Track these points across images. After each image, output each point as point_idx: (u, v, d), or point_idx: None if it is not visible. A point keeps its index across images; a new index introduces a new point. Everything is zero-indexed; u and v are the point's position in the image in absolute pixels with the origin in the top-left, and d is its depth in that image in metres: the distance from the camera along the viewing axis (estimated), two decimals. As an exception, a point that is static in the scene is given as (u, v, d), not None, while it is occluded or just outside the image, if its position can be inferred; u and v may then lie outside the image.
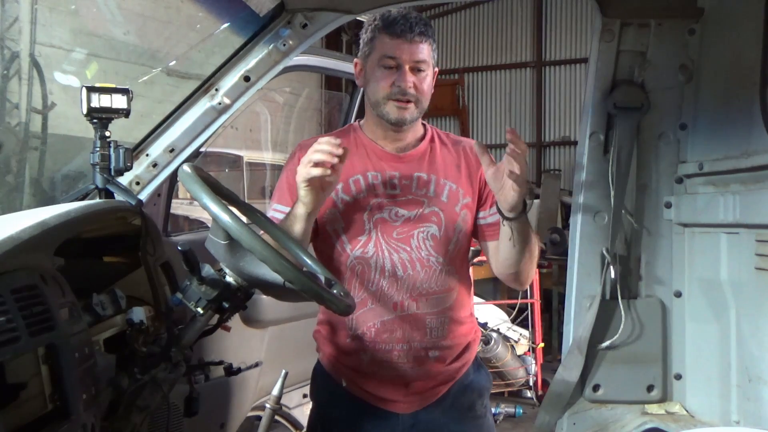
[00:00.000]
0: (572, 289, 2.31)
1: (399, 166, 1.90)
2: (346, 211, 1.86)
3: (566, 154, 12.10)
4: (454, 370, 1.94)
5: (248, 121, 7.74)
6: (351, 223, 1.86)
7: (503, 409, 5.36)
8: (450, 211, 1.89)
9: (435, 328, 1.89)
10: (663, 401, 2.30)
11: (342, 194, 1.86)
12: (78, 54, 5.97)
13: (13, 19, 4.95)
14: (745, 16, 2.04)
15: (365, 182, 1.87)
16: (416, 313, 1.86)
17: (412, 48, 1.80)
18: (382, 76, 1.82)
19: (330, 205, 1.86)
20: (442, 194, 1.89)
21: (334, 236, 1.88)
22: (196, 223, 5.21)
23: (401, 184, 1.88)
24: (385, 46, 1.82)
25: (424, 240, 1.87)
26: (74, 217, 1.56)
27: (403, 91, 1.81)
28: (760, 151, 1.94)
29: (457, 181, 1.91)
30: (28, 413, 1.31)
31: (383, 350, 1.87)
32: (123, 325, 1.80)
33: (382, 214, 1.86)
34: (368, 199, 1.87)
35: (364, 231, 1.86)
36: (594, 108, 2.26)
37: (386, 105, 1.84)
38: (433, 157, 1.93)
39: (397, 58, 1.80)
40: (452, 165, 1.93)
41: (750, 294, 2.01)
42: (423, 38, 1.81)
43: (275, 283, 1.54)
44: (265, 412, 2.84)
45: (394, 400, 1.91)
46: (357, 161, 1.88)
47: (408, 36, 1.80)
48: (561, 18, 12.25)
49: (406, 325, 1.86)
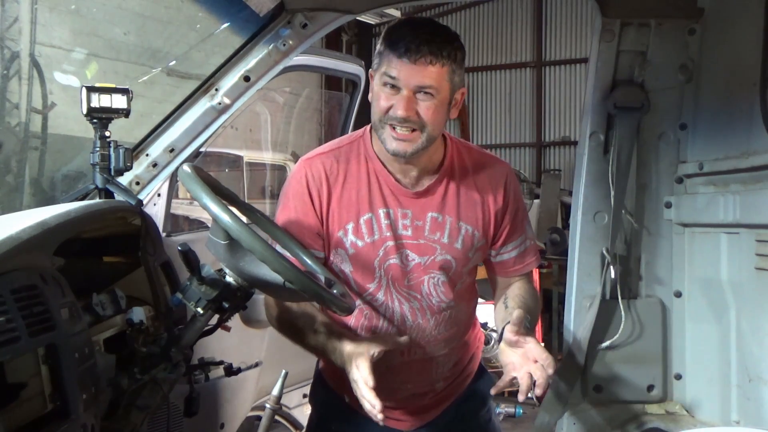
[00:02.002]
0: (572, 289, 2.31)
1: (411, 204, 1.73)
2: (356, 255, 1.73)
3: (566, 154, 12.08)
4: (457, 385, 1.94)
5: (248, 121, 7.73)
6: (361, 268, 1.74)
7: (503, 409, 5.36)
8: (463, 258, 1.78)
9: (442, 364, 1.87)
10: (663, 401, 2.30)
11: (351, 236, 1.72)
12: (78, 54, 5.97)
13: (13, 19, 4.95)
14: (745, 16, 2.04)
15: (377, 222, 1.71)
16: (423, 358, 1.83)
17: (416, 70, 1.56)
18: (381, 96, 1.62)
19: (339, 245, 1.74)
20: (456, 241, 1.75)
21: (341, 276, 1.77)
22: (196, 223, 5.21)
23: (413, 225, 1.73)
24: (389, 64, 1.59)
25: (435, 287, 1.77)
26: (74, 217, 1.56)
27: (398, 118, 1.59)
28: (760, 151, 1.94)
29: (474, 222, 1.76)
30: (28, 413, 1.31)
31: (390, 387, 1.76)
32: (123, 325, 1.80)
33: (394, 260, 1.73)
34: (380, 243, 1.72)
35: (374, 278, 1.74)
36: (594, 108, 2.26)
37: (383, 130, 1.63)
38: (451, 192, 1.75)
39: (397, 80, 1.58)
40: (470, 202, 1.76)
41: (750, 294, 2.00)
42: (434, 59, 1.56)
43: (275, 283, 1.53)
44: (265, 412, 2.84)
45: (396, 419, 1.90)
46: (367, 195, 1.72)
47: (413, 56, 1.55)
48: (561, 18, 12.23)
49: (413, 368, 1.83)
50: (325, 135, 8.10)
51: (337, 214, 1.72)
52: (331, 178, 1.73)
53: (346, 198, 1.73)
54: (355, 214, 1.71)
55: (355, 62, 3.49)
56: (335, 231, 1.73)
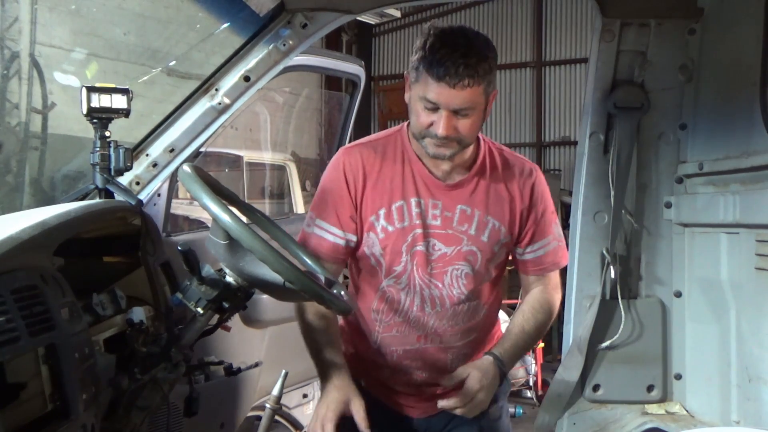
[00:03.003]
0: (572, 289, 2.31)
1: (443, 195, 1.83)
2: (386, 239, 1.82)
3: (566, 154, 12.08)
4: None
5: (248, 121, 7.73)
6: (389, 251, 1.83)
7: (503, 409, 5.35)
8: (488, 251, 1.86)
9: (458, 357, 1.92)
10: (663, 401, 2.30)
11: (383, 221, 1.82)
12: (78, 54, 5.97)
13: (13, 19, 4.95)
14: (745, 16, 2.04)
15: (407, 210, 1.81)
16: (440, 347, 1.89)
17: (454, 94, 1.64)
18: (422, 114, 1.70)
19: (371, 228, 1.83)
20: (483, 233, 1.84)
21: (372, 258, 1.86)
22: (196, 223, 5.21)
23: (443, 215, 1.83)
24: (427, 87, 1.66)
25: (458, 278, 1.85)
26: (74, 217, 1.56)
27: (439, 137, 1.69)
28: (760, 151, 1.94)
29: (501, 218, 1.86)
30: (28, 413, 1.32)
31: (404, 371, 1.90)
32: (123, 325, 1.80)
33: (420, 247, 1.82)
34: (409, 229, 1.81)
35: (401, 261, 1.83)
36: (594, 108, 2.26)
37: (424, 140, 1.74)
38: (481, 188, 1.85)
39: (436, 103, 1.67)
40: (498, 198, 1.86)
41: (750, 294, 2.00)
42: (470, 81, 1.64)
43: (275, 283, 1.54)
44: (265, 412, 2.82)
45: (409, 406, 1.94)
46: (401, 183, 1.82)
47: (452, 81, 1.63)
48: (561, 18, 12.23)
49: (428, 355, 1.88)
50: (325, 135, 8.09)
51: (371, 200, 1.82)
52: (368, 166, 1.83)
53: (380, 185, 1.83)
54: (387, 201, 1.81)
55: (355, 62, 3.49)
56: (368, 216, 1.83)
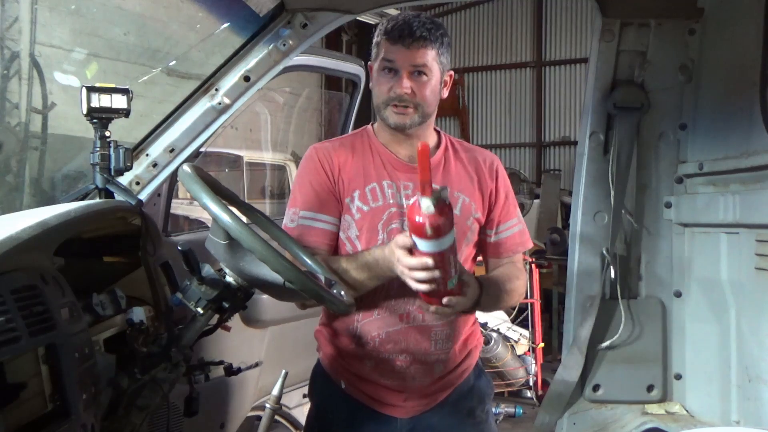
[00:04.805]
0: (572, 289, 2.31)
1: (413, 176, 1.86)
2: (362, 219, 1.86)
3: (566, 154, 12.09)
4: (455, 376, 1.94)
5: (248, 121, 7.73)
6: (365, 232, 1.86)
7: (503, 409, 5.35)
8: (461, 225, 1.88)
9: (440, 339, 1.90)
10: (663, 401, 2.30)
11: (358, 202, 1.87)
12: (78, 54, 5.97)
13: (13, 19, 4.95)
14: (745, 16, 2.04)
15: (381, 191, 1.87)
16: (422, 325, 1.87)
17: (410, 53, 1.79)
18: (382, 81, 1.83)
19: (347, 211, 1.87)
20: (455, 207, 1.85)
21: (348, 243, 1.88)
22: (196, 223, 5.21)
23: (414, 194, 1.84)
24: (386, 51, 1.82)
25: None
26: (74, 217, 1.56)
27: (400, 97, 1.80)
28: (760, 151, 1.94)
29: (471, 194, 1.91)
30: (28, 413, 1.31)
31: (386, 359, 1.88)
32: (123, 325, 1.80)
33: (396, 224, 1.86)
34: (384, 208, 1.86)
35: (378, 240, 1.85)
36: (594, 108, 2.26)
37: (386, 110, 1.84)
38: (448, 167, 1.92)
39: (394, 62, 1.80)
40: (466, 176, 1.93)
41: (750, 294, 2.01)
42: (425, 42, 1.79)
43: (275, 283, 1.53)
44: (265, 412, 2.84)
45: (393, 405, 1.91)
46: (372, 169, 1.89)
47: (406, 41, 1.78)
48: (561, 18, 12.25)
49: (411, 336, 1.87)
50: (325, 135, 8.10)
51: (346, 182, 1.88)
52: (340, 157, 1.90)
53: (353, 171, 1.89)
54: (361, 184, 1.87)
55: (355, 62, 3.49)
56: (344, 198, 1.88)
